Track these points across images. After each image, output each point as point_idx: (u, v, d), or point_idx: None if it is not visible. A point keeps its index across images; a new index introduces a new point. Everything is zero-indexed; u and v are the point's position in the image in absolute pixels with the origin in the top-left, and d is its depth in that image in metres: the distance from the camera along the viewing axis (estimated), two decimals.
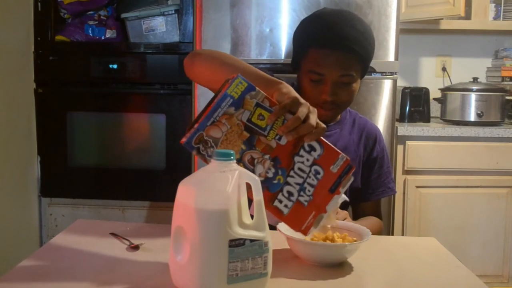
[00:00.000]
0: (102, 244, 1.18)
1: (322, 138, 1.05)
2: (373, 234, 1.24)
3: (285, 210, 1.02)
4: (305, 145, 1.03)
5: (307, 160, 1.04)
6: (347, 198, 1.10)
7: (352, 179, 1.06)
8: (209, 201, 0.89)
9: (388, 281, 1.07)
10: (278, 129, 1.01)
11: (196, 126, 1.00)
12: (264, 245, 0.92)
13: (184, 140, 1.00)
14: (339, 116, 1.57)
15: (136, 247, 1.15)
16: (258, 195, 0.93)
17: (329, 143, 1.06)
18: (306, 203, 1.03)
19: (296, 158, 1.03)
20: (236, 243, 0.88)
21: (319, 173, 1.04)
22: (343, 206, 1.52)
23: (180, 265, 0.92)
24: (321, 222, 1.04)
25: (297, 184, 1.03)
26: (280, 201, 1.03)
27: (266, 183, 1.02)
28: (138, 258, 1.11)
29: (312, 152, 1.04)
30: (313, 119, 1.03)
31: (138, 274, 1.01)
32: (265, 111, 1.01)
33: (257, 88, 1.02)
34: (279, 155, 1.03)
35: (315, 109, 1.05)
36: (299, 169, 1.03)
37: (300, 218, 1.04)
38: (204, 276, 0.89)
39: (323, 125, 1.04)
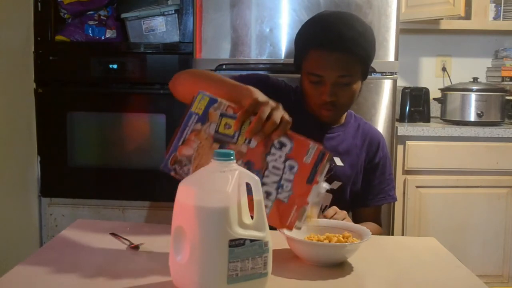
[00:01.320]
0: (102, 244, 1.18)
1: (290, 132, 1.05)
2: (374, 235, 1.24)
3: (266, 211, 1.01)
4: (275, 142, 1.04)
5: (280, 157, 1.04)
6: (328, 187, 1.10)
7: (328, 166, 1.05)
8: (209, 201, 0.89)
9: (388, 281, 1.07)
10: (245, 133, 1.03)
11: (169, 148, 1.05)
12: (264, 245, 0.92)
13: (162, 165, 1.06)
14: (343, 119, 1.57)
15: (136, 247, 1.15)
16: (258, 195, 0.93)
17: (298, 135, 1.06)
18: (286, 200, 1.04)
19: (269, 158, 1.04)
20: (236, 243, 0.88)
21: (293, 167, 1.04)
22: (343, 206, 1.52)
23: (180, 265, 0.92)
24: (305, 214, 1.04)
25: (274, 182, 1.04)
26: None
27: None
28: (138, 258, 1.11)
29: (283, 148, 1.04)
30: (276, 115, 1.04)
31: (138, 274, 1.01)
32: (231, 119, 1.04)
33: (219, 99, 1.05)
34: (251, 158, 1.04)
35: (279, 105, 1.06)
36: (274, 167, 1.04)
37: (283, 215, 1.04)
38: (204, 276, 0.89)
39: (288, 118, 1.05)
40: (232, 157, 0.93)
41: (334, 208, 1.37)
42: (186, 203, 0.91)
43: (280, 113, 1.05)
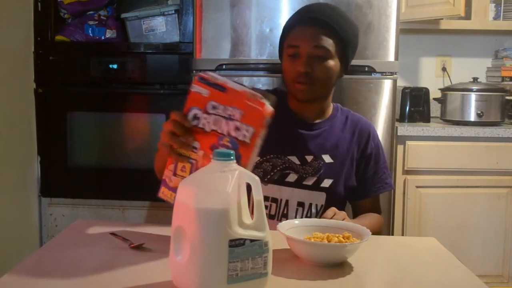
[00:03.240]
0: (102, 244, 1.18)
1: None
2: (374, 231, 1.25)
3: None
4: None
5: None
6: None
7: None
8: (209, 201, 0.89)
9: (388, 281, 1.07)
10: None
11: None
12: (264, 245, 0.92)
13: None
14: (328, 113, 1.56)
15: (136, 247, 1.15)
16: (258, 195, 0.93)
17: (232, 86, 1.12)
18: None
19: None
20: (236, 243, 0.89)
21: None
22: (338, 202, 1.53)
23: (180, 265, 0.92)
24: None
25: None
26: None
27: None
28: (138, 258, 1.11)
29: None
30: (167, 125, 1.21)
31: (138, 274, 1.01)
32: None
33: None
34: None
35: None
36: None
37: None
38: (204, 276, 0.89)
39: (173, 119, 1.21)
40: (232, 157, 0.93)
41: (333, 209, 1.37)
42: (186, 203, 0.91)
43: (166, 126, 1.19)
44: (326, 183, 1.50)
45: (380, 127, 2.34)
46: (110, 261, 1.08)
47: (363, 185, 1.57)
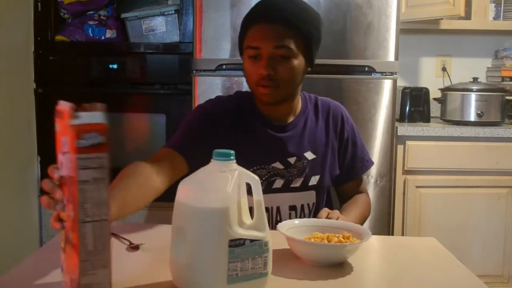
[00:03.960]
0: None
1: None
2: (364, 214, 1.27)
3: None
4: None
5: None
6: None
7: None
8: (209, 200, 0.89)
9: (388, 281, 1.07)
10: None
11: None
12: (264, 245, 0.92)
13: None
14: (299, 107, 1.49)
15: (136, 247, 1.15)
16: (258, 195, 0.93)
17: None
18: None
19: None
20: (236, 243, 0.88)
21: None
22: (326, 195, 1.52)
23: (180, 265, 0.92)
24: None
25: None
26: None
27: None
28: (138, 258, 1.11)
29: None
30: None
31: (138, 274, 1.01)
32: None
33: None
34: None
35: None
36: None
37: None
38: (204, 276, 0.89)
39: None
40: (232, 157, 0.93)
41: (326, 209, 1.35)
42: (186, 203, 0.91)
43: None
44: (314, 180, 1.47)
45: (380, 127, 2.35)
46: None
47: (346, 170, 1.54)
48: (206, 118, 1.44)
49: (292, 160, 1.45)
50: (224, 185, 0.89)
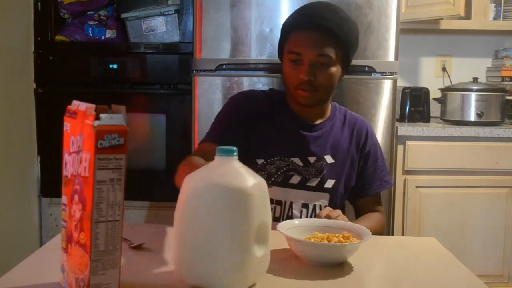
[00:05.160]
0: None
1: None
2: (375, 232, 1.25)
3: None
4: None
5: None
6: None
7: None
8: (223, 182, 0.91)
9: (388, 281, 1.07)
10: None
11: None
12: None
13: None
14: (328, 113, 1.56)
15: (136, 247, 1.15)
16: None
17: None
18: None
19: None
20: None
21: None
22: (338, 202, 1.53)
23: (190, 253, 0.92)
24: None
25: None
26: None
27: None
28: (138, 258, 1.11)
29: None
30: None
31: (138, 274, 1.01)
32: None
33: None
34: None
35: None
36: None
37: None
38: (215, 264, 0.91)
39: None
40: (234, 153, 0.94)
41: (328, 208, 1.38)
42: (192, 193, 0.92)
43: None
44: (329, 183, 1.51)
45: (380, 127, 2.34)
46: None
47: (362, 184, 1.57)
48: (242, 110, 1.52)
49: (311, 159, 1.50)
50: (235, 173, 0.93)
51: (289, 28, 1.46)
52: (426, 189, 2.59)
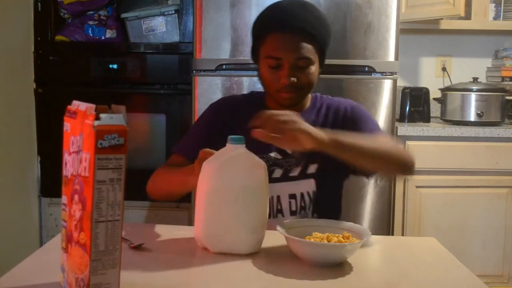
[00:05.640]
0: None
1: None
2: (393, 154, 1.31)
3: None
4: None
5: None
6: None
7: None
8: (245, 165, 1.12)
9: (388, 281, 1.07)
10: None
11: None
12: None
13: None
14: (307, 104, 1.53)
15: (136, 247, 1.15)
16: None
17: None
18: None
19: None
20: None
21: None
22: (335, 188, 1.51)
23: (213, 226, 1.12)
24: None
25: None
26: None
27: None
28: (138, 258, 1.11)
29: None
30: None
31: (138, 274, 1.01)
32: None
33: None
34: None
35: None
36: None
37: None
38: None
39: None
40: (243, 142, 1.13)
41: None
42: (220, 172, 1.11)
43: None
44: (312, 168, 1.47)
45: (380, 127, 2.34)
46: None
47: None
48: (214, 116, 1.54)
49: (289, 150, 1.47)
50: (252, 154, 1.14)
51: (264, 30, 1.43)
52: (426, 189, 2.59)
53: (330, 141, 1.22)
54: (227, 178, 1.11)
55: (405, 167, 1.38)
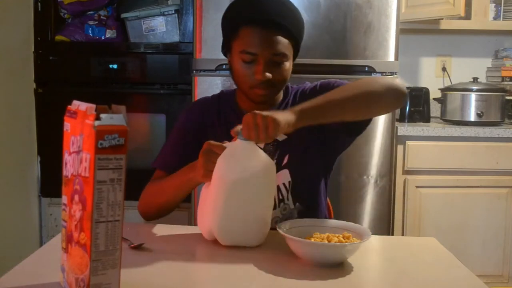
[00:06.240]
0: None
1: None
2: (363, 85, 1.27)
3: None
4: None
5: None
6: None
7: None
8: (257, 164, 1.16)
9: (388, 281, 1.07)
10: None
11: None
12: None
13: None
14: (279, 98, 1.49)
15: (136, 247, 1.15)
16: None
17: None
18: None
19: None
20: None
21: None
22: (312, 177, 1.48)
23: (226, 221, 1.16)
24: None
25: None
26: None
27: None
28: (138, 258, 1.11)
29: None
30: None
31: (138, 274, 1.01)
32: None
33: None
34: None
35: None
36: None
37: None
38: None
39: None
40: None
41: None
42: (234, 169, 1.14)
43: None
44: (285, 159, 1.44)
45: (380, 127, 2.34)
46: None
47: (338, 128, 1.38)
48: (187, 123, 1.51)
49: (261, 144, 1.39)
50: (260, 150, 1.18)
51: (237, 23, 1.37)
52: (426, 189, 2.59)
53: (297, 114, 1.19)
54: (247, 172, 1.14)
55: (396, 95, 1.32)
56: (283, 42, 1.35)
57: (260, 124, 1.13)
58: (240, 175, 1.14)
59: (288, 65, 1.39)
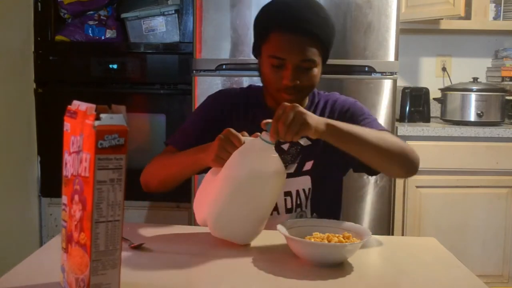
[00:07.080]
0: None
1: None
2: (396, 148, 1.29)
3: None
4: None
5: None
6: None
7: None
8: (266, 171, 1.16)
9: (388, 281, 1.07)
10: None
11: None
12: None
13: None
14: (305, 103, 1.50)
15: (136, 247, 1.15)
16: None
17: None
18: None
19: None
20: None
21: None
22: (330, 185, 1.49)
23: (223, 216, 1.17)
24: None
25: None
26: None
27: None
28: (138, 258, 1.11)
29: None
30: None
31: (138, 274, 1.01)
32: None
33: None
34: None
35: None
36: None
37: None
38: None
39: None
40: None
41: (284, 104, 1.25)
42: (243, 163, 1.15)
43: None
44: (308, 165, 1.45)
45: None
46: None
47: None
48: (212, 111, 1.51)
49: (285, 146, 1.45)
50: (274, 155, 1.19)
51: (268, 27, 1.39)
52: (426, 189, 2.59)
53: (329, 127, 1.21)
54: (257, 175, 1.15)
55: (410, 166, 1.37)
56: (312, 48, 1.36)
57: (291, 118, 1.15)
58: (250, 176, 1.15)
59: (316, 71, 1.40)
